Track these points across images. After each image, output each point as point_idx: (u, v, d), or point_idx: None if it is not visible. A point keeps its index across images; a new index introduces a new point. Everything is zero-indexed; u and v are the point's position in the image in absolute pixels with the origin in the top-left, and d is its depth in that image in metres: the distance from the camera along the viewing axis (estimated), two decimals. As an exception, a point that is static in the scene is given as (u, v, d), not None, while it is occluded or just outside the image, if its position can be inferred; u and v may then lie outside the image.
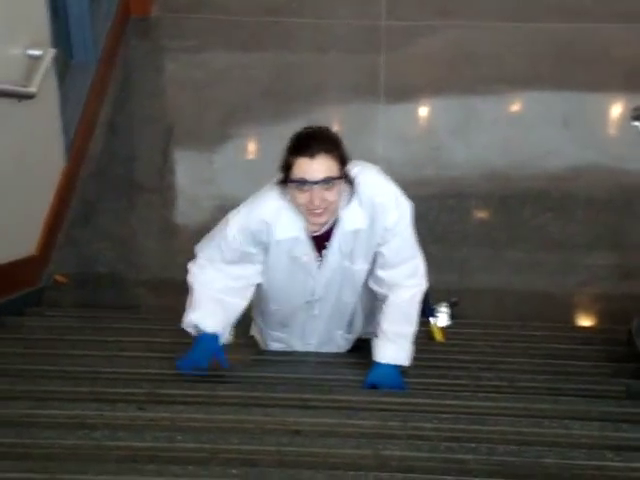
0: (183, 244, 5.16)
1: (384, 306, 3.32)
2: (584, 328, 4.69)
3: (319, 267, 3.27)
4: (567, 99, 6.07)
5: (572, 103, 6.03)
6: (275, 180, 3.12)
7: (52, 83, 4.84)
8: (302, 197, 3.01)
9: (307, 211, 3.05)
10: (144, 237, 5.24)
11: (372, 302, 3.44)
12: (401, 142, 5.69)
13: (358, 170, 3.11)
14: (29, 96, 4.26)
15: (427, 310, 4.22)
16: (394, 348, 3.32)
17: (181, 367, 3.33)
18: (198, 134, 5.82)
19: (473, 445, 2.76)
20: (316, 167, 2.96)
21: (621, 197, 5.36)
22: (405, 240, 3.23)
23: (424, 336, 4.10)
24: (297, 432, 2.88)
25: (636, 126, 3.91)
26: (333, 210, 3.08)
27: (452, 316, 4.35)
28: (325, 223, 3.13)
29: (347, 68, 6.23)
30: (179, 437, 2.77)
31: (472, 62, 6.27)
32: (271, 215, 3.14)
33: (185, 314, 3.32)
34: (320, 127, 3.07)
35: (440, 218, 5.24)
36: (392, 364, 3.32)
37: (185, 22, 6.60)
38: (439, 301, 4.36)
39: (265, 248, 3.22)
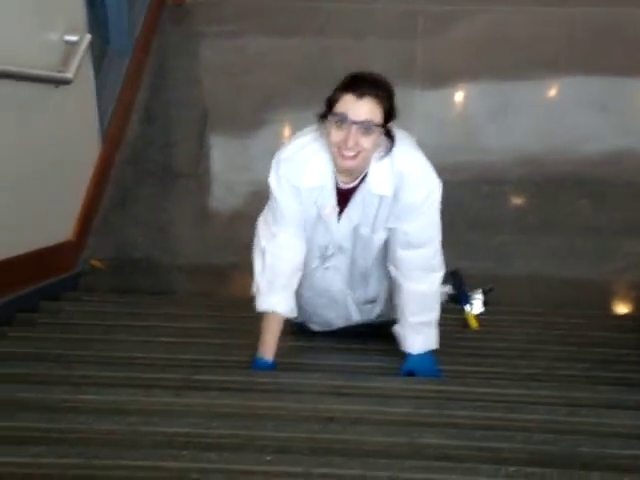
0: (218, 230, 5.19)
1: (404, 296, 3.29)
2: (621, 316, 4.65)
3: (339, 221, 3.21)
4: (604, 84, 6.02)
5: (610, 88, 5.97)
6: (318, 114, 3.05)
7: (88, 69, 4.86)
8: (337, 135, 2.93)
9: (338, 151, 2.96)
10: (180, 223, 5.26)
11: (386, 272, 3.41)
12: (437, 127, 5.67)
13: (402, 136, 3.06)
14: (66, 82, 4.28)
15: (462, 297, 4.20)
16: (422, 338, 3.33)
17: None
18: (234, 120, 5.82)
19: (508, 433, 2.74)
20: (360, 107, 2.89)
21: (659, 183, 5.32)
22: (431, 221, 3.17)
23: (459, 324, 4.09)
24: (330, 419, 2.88)
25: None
26: (364, 159, 2.99)
27: (487, 303, 4.33)
28: (353, 170, 3.04)
29: (384, 53, 6.21)
30: (214, 423, 2.78)
31: (509, 47, 6.23)
32: (301, 159, 3.10)
33: (259, 297, 3.31)
34: (379, 74, 2.99)
35: (475, 204, 5.21)
36: (424, 352, 3.33)
37: (221, 8, 6.60)
38: (474, 288, 4.35)
39: (297, 192, 3.16)
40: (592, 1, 6.54)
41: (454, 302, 4.19)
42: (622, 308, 4.74)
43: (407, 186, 3.06)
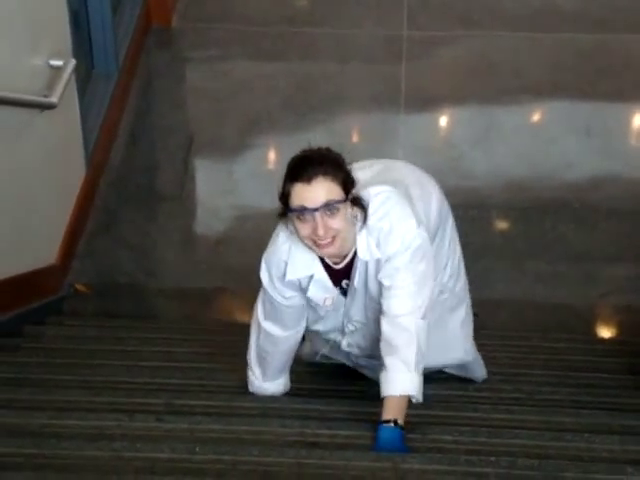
0: (203, 254, 5.18)
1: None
2: (605, 340, 4.66)
3: (345, 301, 3.03)
4: (589, 109, 6.05)
5: (594, 113, 6.00)
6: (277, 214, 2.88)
7: (73, 93, 4.85)
8: (304, 228, 2.76)
9: (313, 243, 2.79)
10: (164, 247, 5.25)
11: None
12: (421, 152, 5.67)
13: (376, 192, 2.88)
14: (50, 106, 4.27)
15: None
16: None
17: None
18: (219, 144, 5.82)
19: (493, 458, 2.74)
20: (313, 192, 2.70)
21: (643, 208, 5.33)
22: (410, 268, 2.89)
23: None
24: (316, 444, 2.87)
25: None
26: (343, 240, 2.80)
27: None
28: (338, 254, 2.87)
29: (368, 78, 6.23)
30: (198, 448, 2.76)
31: (493, 72, 6.25)
32: (284, 253, 2.93)
33: (253, 380, 3.25)
34: (319, 148, 2.81)
35: (461, 229, 5.18)
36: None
37: (206, 32, 6.61)
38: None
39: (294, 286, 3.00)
40: (576, 27, 6.58)
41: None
42: (606, 332, 4.75)
43: (383, 241, 2.87)
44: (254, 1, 6.86)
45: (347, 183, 2.78)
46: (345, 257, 2.91)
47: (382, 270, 2.90)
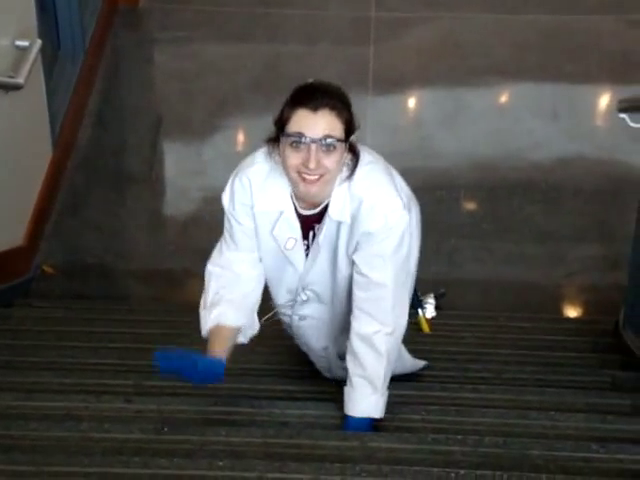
0: (172, 235, 5.17)
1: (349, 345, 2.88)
2: (571, 319, 4.70)
3: (307, 257, 2.84)
4: (555, 91, 6.08)
5: (560, 95, 6.03)
6: (266, 138, 2.70)
7: (39, 74, 4.81)
8: (296, 157, 2.57)
9: (298, 176, 2.60)
10: (133, 228, 5.23)
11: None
12: (389, 133, 5.69)
13: (367, 160, 2.74)
14: (16, 87, 4.24)
15: (414, 301, 4.22)
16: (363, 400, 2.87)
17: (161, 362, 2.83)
18: (187, 125, 5.81)
19: (460, 437, 2.77)
20: (317, 122, 2.54)
21: (609, 188, 5.36)
22: (386, 256, 2.75)
23: (411, 327, 4.10)
24: (284, 424, 2.89)
25: (623, 118, 3.91)
26: (327, 182, 2.63)
27: (439, 307, 4.35)
28: (316, 196, 2.69)
29: (336, 59, 6.22)
30: (166, 429, 2.77)
31: (461, 53, 6.27)
32: (256, 178, 2.73)
33: (202, 317, 2.92)
34: (330, 82, 2.66)
35: (428, 209, 5.21)
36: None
37: (174, 13, 6.58)
38: (426, 292, 4.37)
39: (252, 216, 2.79)
40: (542, 9, 6.61)
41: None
42: (572, 312, 4.79)
43: (363, 213, 2.70)
44: (221, -18, 6.83)
45: (350, 125, 2.65)
46: (317, 206, 2.75)
47: (359, 251, 2.75)
